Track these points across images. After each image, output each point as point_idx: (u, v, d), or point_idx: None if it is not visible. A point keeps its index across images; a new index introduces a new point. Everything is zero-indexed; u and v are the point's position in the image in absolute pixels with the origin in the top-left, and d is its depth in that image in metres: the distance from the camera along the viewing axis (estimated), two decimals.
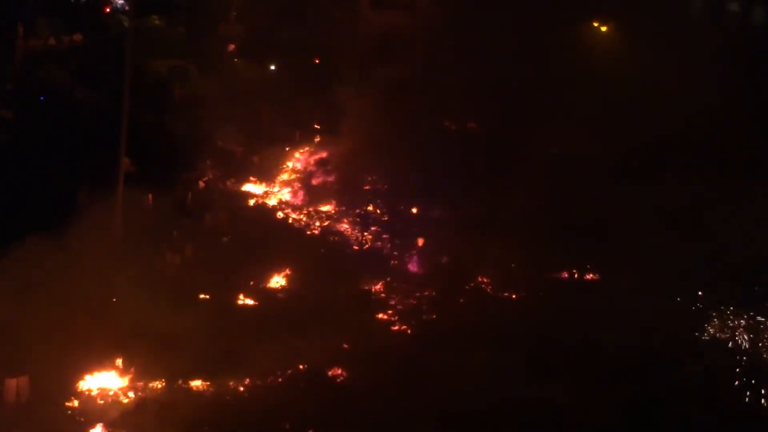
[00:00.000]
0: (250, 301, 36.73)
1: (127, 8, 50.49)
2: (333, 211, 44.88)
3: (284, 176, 47.37)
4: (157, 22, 51.47)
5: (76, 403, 29.59)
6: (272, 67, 51.68)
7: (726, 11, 44.55)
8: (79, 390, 30.04)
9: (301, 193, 45.97)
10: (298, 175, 47.69)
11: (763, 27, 44.84)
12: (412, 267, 41.02)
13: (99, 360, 30.67)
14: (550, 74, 41.62)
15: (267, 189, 45.80)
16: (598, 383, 31.80)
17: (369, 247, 42.53)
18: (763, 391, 32.57)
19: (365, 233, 43.04)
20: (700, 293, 37.21)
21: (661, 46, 41.24)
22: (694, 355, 34.23)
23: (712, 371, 33.37)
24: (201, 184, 43.33)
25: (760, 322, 35.69)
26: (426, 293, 39.07)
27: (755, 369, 33.83)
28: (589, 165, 40.27)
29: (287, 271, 38.62)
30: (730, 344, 35.28)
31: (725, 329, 35.72)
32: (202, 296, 35.73)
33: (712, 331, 35.83)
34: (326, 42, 50.39)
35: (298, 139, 49.51)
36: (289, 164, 48.22)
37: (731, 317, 35.92)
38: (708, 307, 36.62)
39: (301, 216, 44.39)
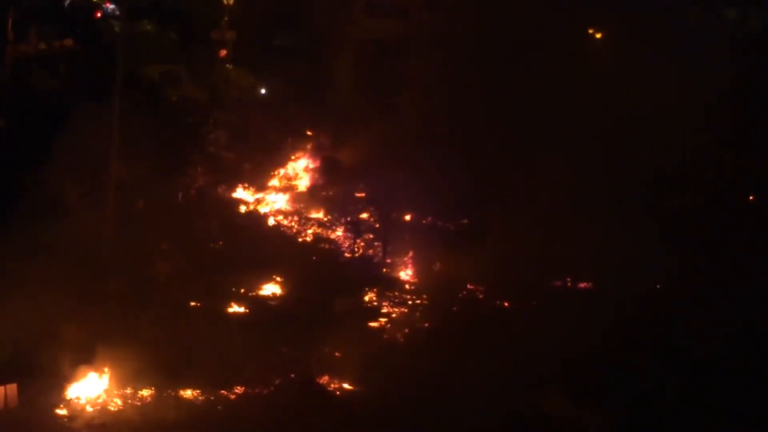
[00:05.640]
0: (241, 309, 36.53)
1: (118, 13, 50.38)
2: (325, 219, 44.77)
3: (276, 183, 47.24)
4: (148, 27, 51.35)
5: (64, 410, 29.33)
6: (265, 75, 51.57)
7: (722, 17, 44.43)
8: (67, 397, 29.77)
9: (293, 200, 45.83)
10: (289, 182, 47.57)
11: (759, 33, 44.74)
12: (405, 275, 40.88)
13: (88, 367, 30.38)
14: (545, 81, 41.41)
15: (259, 196, 45.62)
16: (594, 393, 31.55)
17: (361, 254, 42.40)
18: None
19: (358, 241, 42.90)
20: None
21: (655, 53, 41.03)
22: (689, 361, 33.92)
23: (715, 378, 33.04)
24: (192, 190, 43.12)
25: None
26: (418, 301, 38.91)
27: None
28: (582, 175, 40.02)
29: (279, 279, 38.42)
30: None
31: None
32: (192, 304, 35.50)
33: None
34: (319, 48, 50.29)
35: (290, 145, 49.37)
36: (281, 171, 48.07)
37: None
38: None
39: (293, 223, 44.23)
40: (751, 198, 42.08)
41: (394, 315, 37.73)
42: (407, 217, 44.34)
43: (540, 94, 40.85)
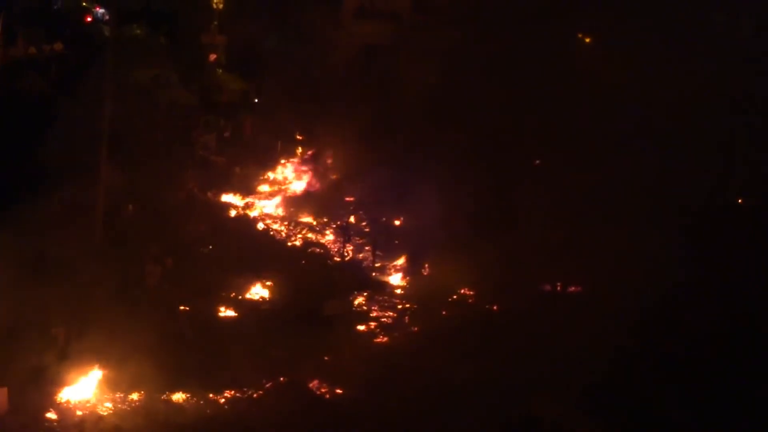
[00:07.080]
0: (231, 313, 36.50)
1: (107, 18, 50.38)
2: (314, 223, 44.80)
3: (266, 187, 47.26)
4: (137, 31, 51.33)
5: (54, 414, 29.27)
6: (255, 79, 51.60)
7: (711, 20, 44.51)
8: (57, 401, 29.71)
9: (282, 204, 45.87)
10: (279, 186, 47.62)
11: (749, 37, 44.80)
12: (394, 279, 40.90)
13: (78, 371, 30.34)
14: (536, 84, 41.50)
15: (248, 200, 45.63)
16: (590, 397, 31.44)
17: (351, 258, 42.43)
18: None
19: (347, 245, 42.92)
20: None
21: (644, 56, 41.13)
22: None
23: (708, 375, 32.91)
24: (182, 194, 43.08)
25: None
26: (408, 305, 38.92)
27: None
28: (571, 175, 40.05)
29: (269, 283, 38.38)
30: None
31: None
32: (182, 307, 35.47)
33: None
34: (309, 52, 50.31)
35: (280, 149, 49.42)
36: (271, 175, 48.12)
37: None
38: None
39: (283, 227, 44.24)
40: (741, 201, 42.21)
41: (383, 319, 37.74)
42: (397, 222, 44.41)
43: (532, 96, 41.00)
